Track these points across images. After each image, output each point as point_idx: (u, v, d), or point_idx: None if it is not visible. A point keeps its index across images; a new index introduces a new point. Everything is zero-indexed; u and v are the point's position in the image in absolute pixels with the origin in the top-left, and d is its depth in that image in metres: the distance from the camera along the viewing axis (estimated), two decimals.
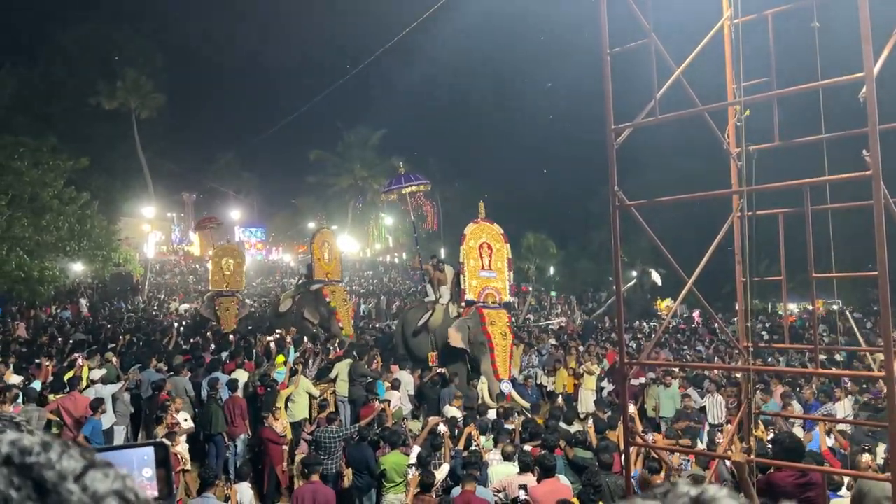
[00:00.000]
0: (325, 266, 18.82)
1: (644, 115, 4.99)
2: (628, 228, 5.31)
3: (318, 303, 17.88)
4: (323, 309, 17.72)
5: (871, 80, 3.61)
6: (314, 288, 18.25)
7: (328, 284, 18.29)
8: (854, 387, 11.79)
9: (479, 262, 13.48)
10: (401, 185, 20.12)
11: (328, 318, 17.58)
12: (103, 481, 0.68)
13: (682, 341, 19.76)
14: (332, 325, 17.43)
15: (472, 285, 13.32)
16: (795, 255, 5.53)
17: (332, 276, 18.91)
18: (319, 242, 19.12)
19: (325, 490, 7.49)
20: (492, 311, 13.00)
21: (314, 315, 17.70)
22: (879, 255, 3.52)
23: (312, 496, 7.26)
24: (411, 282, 42.78)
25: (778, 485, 5.34)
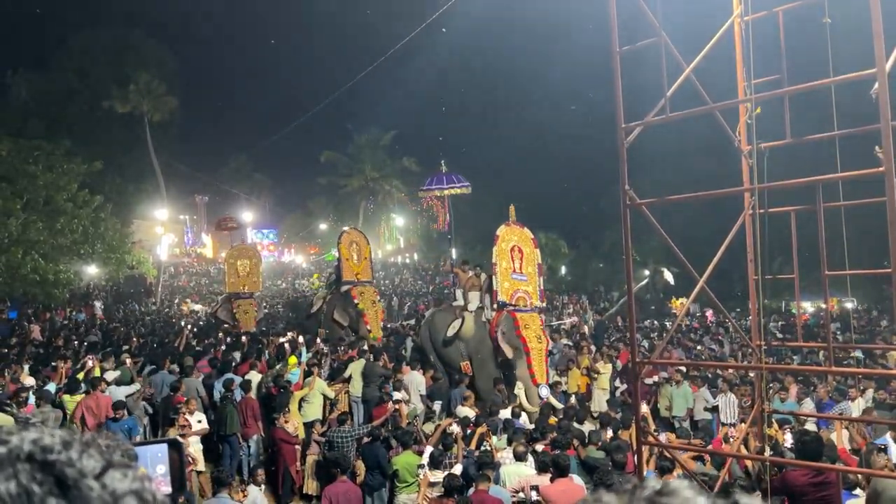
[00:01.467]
0: (355, 266, 18.43)
1: (654, 114, 4.98)
2: (640, 227, 5.30)
3: (346, 304, 17.51)
4: (351, 310, 17.33)
5: (884, 76, 3.59)
6: (344, 289, 17.95)
7: (357, 285, 17.94)
8: (868, 383, 11.68)
9: (510, 264, 13.24)
10: (442, 185, 19.94)
11: (357, 319, 17.22)
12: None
13: (696, 340, 19.64)
14: (360, 326, 17.05)
15: (505, 287, 13.08)
16: (808, 252, 5.51)
17: (362, 276, 18.48)
18: (347, 242, 18.72)
19: (355, 488, 7.66)
20: (525, 315, 12.69)
21: (343, 317, 17.34)
22: (893, 251, 3.49)
23: (345, 495, 7.38)
24: (423, 282, 42.83)
25: (793, 483, 5.31)
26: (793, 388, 11.93)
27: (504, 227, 13.56)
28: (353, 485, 7.72)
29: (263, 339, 16.99)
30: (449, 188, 19.06)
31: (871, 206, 4.05)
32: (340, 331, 17.02)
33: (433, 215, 58.20)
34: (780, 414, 8.67)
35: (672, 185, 7.78)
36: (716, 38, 5.40)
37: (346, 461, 7.99)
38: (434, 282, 41.93)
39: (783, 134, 5.76)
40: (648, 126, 5.09)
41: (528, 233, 13.74)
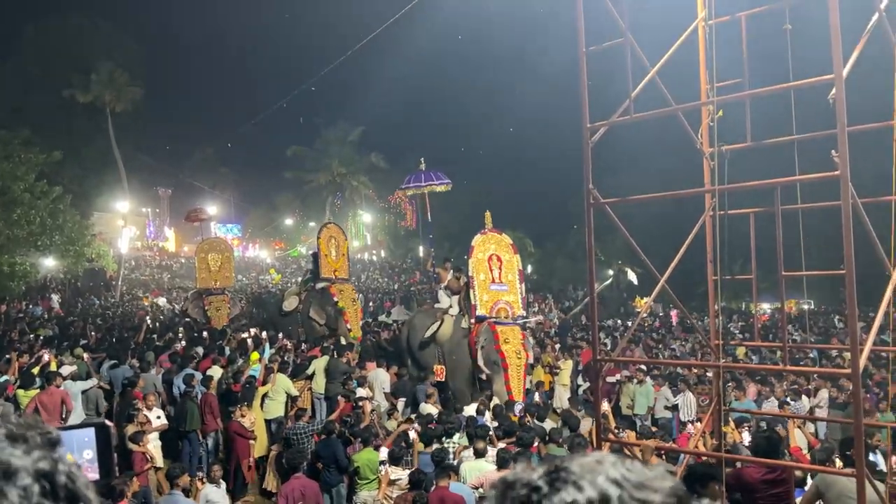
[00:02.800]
0: (333, 263, 17.90)
1: (619, 114, 5.03)
2: (605, 227, 5.36)
3: (324, 302, 16.97)
4: (330, 308, 16.80)
5: (841, 83, 3.67)
6: (320, 286, 17.47)
7: (336, 283, 17.48)
8: (822, 383, 11.98)
9: (489, 274, 12.74)
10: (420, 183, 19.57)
11: (335, 318, 16.71)
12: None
13: (657, 340, 19.94)
14: (339, 325, 16.56)
15: (484, 300, 12.56)
16: (769, 255, 5.60)
17: (340, 273, 18.01)
18: (326, 238, 18.13)
19: (312, 484, 7.58)
20: (505, 328, 12.24)
21: (320, 315, 16.79)
22: (847, 253, 3.58)
23: (301, 490, 7.30)
24: (389, 280, 42.71)
25: (747, 480, 5.42)
26: (751, 387, 12.19)
27: (479, 235, 13.07)
28: (309, 480, 7.65)
29: (224, 334, 16.70)
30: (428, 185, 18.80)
31: (831, 209, 4.14)
32: (318, 329, 16.56)
33: (401, 212, 58.08)
34: (737, 412, 8.84)
35: (639, 187, 7.87)
36: (680, 42, 5.47)
37: (301, 457, 7.91)
38: (401, 279, 41.85)
39: (748, 137, 5.86)
40: (614, 127, 5.13)
41: (507, 238, 13.33)
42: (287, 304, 17.79)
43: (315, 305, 16.92)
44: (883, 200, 5.05)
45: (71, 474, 0.68)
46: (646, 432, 9.32)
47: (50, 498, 0.65)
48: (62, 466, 0.68)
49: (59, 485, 0.67)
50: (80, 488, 0.69)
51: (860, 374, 3.76)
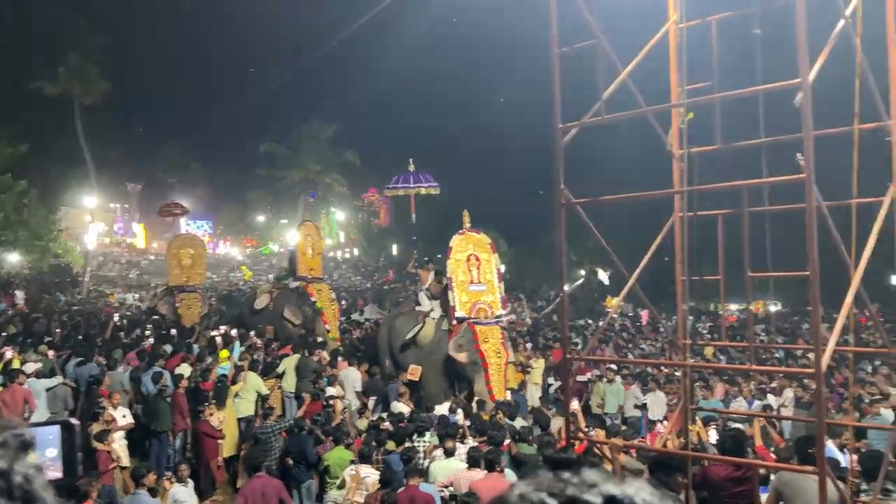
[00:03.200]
0: (309, 262, 17.53)
1: (591, 115, 5.06)
2: (578, 228, 5.39)
3: (301, 301, 16.60)
4: (307, 308, 16.42)
5: (807, 87, 3.73)
6: (295, 285, 17.14)
7: (312, 282, 17.15)
8: (786, 382, 12.20)
9: (467, 275, 12.69)
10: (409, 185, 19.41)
11: (312, 318, 16.32)
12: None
13: (627, 339, 20.14)
14: (317, 326, 16.17)
15: (463, 301, 12.53)
16: (737, 256, 5.68)
17: (316, 272, 17.68)
18: (303, 236, 17.85)
19: (274, 482, 7.50)
20: (485, 328, 12.20)
21: (296, 315, 16.39)
22: (810, 255, 3.64)
23: (262, 490, 7.23)
24: (362, 278, 42.56)
25: (713, 478, 5.50)
26: (719, 387, 12.37)
27: (457, 236, 13.01)
28: (271, 479, 7.57)
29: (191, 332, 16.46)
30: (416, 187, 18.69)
31: (798, 212, 4.21)
32: (292, 329, 16.22)
33: (375, 211, 57.90)
34: (704, 411, 8.96)
35: (611, 188, 7.94)
36: (651, 44, 5.53)
37: (264, 457, 7.84)
38: (374, 278, 41.73)
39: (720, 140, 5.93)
40: (590, 128, 5.17)
41: (485, 238, 13.27)
42: (258, 301, 17.52)
43: (290, 305, 16.57)
44: (845, 203, 5.16)
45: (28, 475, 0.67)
46: (615, 431, 9.41)
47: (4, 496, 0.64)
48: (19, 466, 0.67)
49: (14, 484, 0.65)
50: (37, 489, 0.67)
51: (823, 374, 3.83)
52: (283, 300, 16.93)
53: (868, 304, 5.15)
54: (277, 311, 16.76)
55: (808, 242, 3.64)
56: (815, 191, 3.79)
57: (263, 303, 17.36)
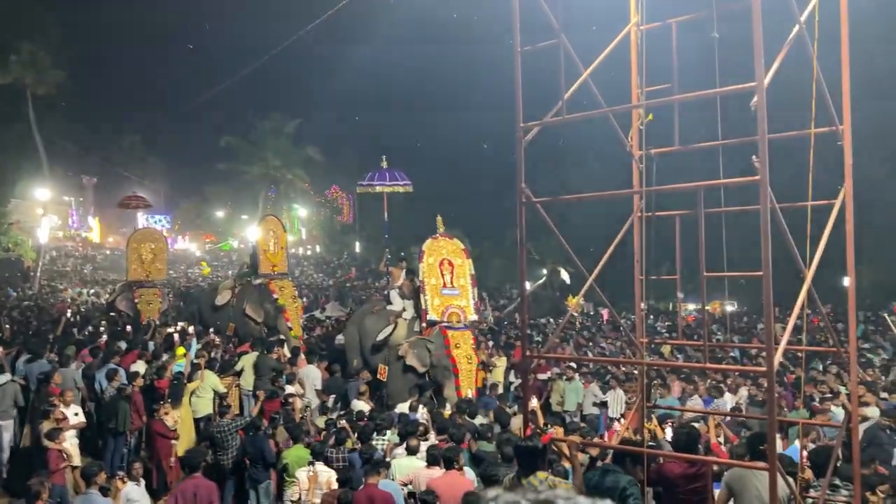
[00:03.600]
0: (271, 258, 17.23)
1: (552, 115, 5.08)
2: (541, 227, 5.41)
3: (262, 298, 16.26)
4: (269, 306, 16.10)
5: (762, 91, 3.80)
6: (258, 282, 16.80)
7: (275, 278, 16.85)
8: (741, 381, 12.45)
9: (440, 279, 12.66)
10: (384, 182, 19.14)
11: (275, 315, 16.01)
12: None
13: (587, 338, 20.34)
14: (279, 323, 15.89)
15: (435, 304, 12.48)
16: (695, 256, 5.77)
17: (279, 268, 17.37)
18: (265, 231, 17.51)
19: (207, 484, 7.34)
20: (456, 333, 12.12)
21: (258, 312, 16.05)
22: (764, 256, 3.71)
23: (194, 491, 7.09)
24: (324, 275, 42.23)
25: (668, 475, 5.58)
26: (676, 385, 12.56)
27: (430, 240, 12.99)
28: (205, 480, 7.43)
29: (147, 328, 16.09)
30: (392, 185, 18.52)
31: (754, 213, 4.28)
32: (254, 326, 15.91)
33: (337, 207, 57.50)
34: (661, 409, 9.09)
35: (574, 188, 8.01)
36: (613, 45, 5.57)
37: (200, 456, 7.70)
38: (336, 275, 41.46)
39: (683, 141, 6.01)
40: (555, 129, 5.20)
41: (459, 243, 13.25)
42: (219, 298, 17.14)
43: (252, 302, 16.27)
44: (799, 206, 5.27)
45: None
46: (573, 428, 9.49)
47: None
48: None
49: None
50: None
51: (775, 373, 3.91)
52: (244, 297, 16.61)
53: (820, 305, 5.26)
54: (239, 307, 16.47)
55: (762, 243, 3.71)
56: (770, 193, 3.86)
57: (224, 299, 17.01)
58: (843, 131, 5.27)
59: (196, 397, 10.80)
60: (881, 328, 22.14)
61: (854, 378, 5.93)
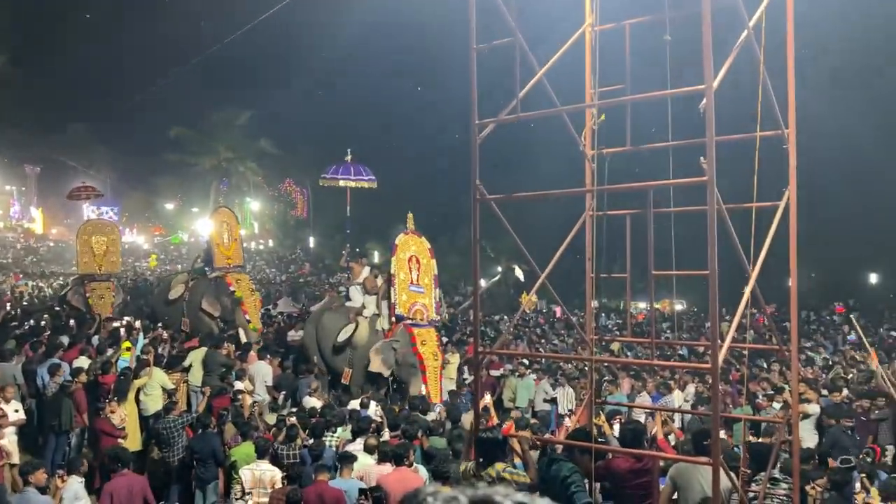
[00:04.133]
0: (225, 251, 16.87)
1: (507, 113, 5.11)
2: (496, 226, 5.44)
3: (219, 292, 15.91)
4: (226, 299, 15.78)
5: (711, 93, 3.87)
6: (214, 275, 16.43)
7: (231, 271, 16.52)
8: (688, 378, 12.74)
9: (408, 275, 12.64)
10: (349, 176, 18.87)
11: (232, 309, 15.70)
12: None
13: (540, 335, 20.56)
14: (236, 317, 15.58)
15: (403, 300, 12.44)
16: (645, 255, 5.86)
17: (234, 261, 17.01)
18: (218, 223, 17.12)
19: (140, 480, 7.25)
20: (422, 330, 12.14)
21: (214, 306, 15.69)
22: (710, 255, 3.79)
23: (128, 488, 6.95)
24: (277, 270, 41.73)
25: (616, 470, 5.68)
26: (625, 382, 12.79)
27: (402, 235, 12.96)
28: (136, 477, 7.31)
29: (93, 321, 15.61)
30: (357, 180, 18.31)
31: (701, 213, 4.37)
32: (210, 321, 15.59)
33: (291, 201, 56.82)
34: (609, 405, 9.24)
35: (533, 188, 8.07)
36: (567, 46, 5.62)
37: (126, 454, 7.56)
38: (289, 270, 41.00)
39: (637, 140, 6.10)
40: (513, 129, 5.22)
41: (426, 242, 13.25)
42: (173, 292, 16.74)
43: (209, 296, 15.88)
44: (745, 207, 5.41)
45: None
46: (525, 424, 9.58)
47: None
48: None
49: None
50: None
51: (719, 370, 4.00)
52: (200, 290, 16.21)
53: (764, 304, 5.41)
54: (194, 301, 16.06)
55: (709, 243, 3.79)
56: (717, 193, 3.94)
57: (178, 293, 16.53)
58: (787, 135, 5.42)
59: (144, 395, 10.53)
60: (822, 328, 22.91)
61: (795, 376, 6.12)
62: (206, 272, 16.89)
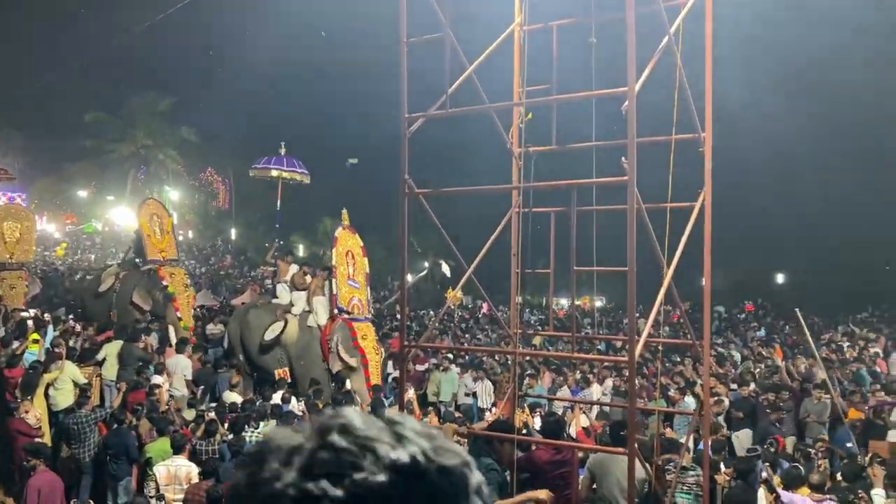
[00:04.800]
0: (158, 243, 16.26)
1: (436, 108, 5.13)
2: (424, 221, 5.46)
3: (151, 286, 15.32)
4: (158, 293, 15.20)
5: (633, 95, 4.00)
6: (146, 268, 15.82)
7: (165, 265, 15.93)
8: (606, 372, 13.13)
9: (346, 269, 12.59)
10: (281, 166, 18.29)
11: (164, 304, 15.15)
12: None
13: (465, 330, 20.77)
14: (168, 312, 15.04)
15: (343, 293, 12.33)
16: (568, 253, 6.00)
17: (168, 254, 16.43)
18: (147, 215, 16.45)
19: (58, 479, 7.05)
20: (362, 325, 12.09)
21: (145, 300, 15.12)
22: (629, 253, 3.93)
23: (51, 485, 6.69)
24: (196, 261, 40.52)
25: (536, 461, 5.82)
26: (546, 375, 13.08)
27: (341, 229, 12.91)
28: (54, 475, 7.07)
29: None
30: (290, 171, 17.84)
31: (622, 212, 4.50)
32: (139, 316, 15.01)
33: (213, 192, 55.25)
34: (531, 398, 9.44)
35: (462, 185, 8.14)
36: (496, 44, 5.69)
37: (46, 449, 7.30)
38: (209, 263, 39.89)
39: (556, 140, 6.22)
40: (446, 125, 5.23)
41: (359, 240, 13.21)
42: (102, 284, 16.05)
43: (140, 290, 15.28)
44: (662, 207, 5.60)
45: None
46: (449, 418, 9.68)
47: None
48: None
49: None
50: None
51: (635, 363, 4.15)
52: (131, 283, 15.60)
53: (678, 302, 5.63)
54: (124, 295, 15.45)
55: (628, 241, 3.92)
56: (637, 193, 4.08)
57: (107, 286, 15.91)
58: (704, 138, 5.65)
59: (54, 389, 10.05)
60: (733, 325, 24.02)
61: (707, 370, 6.40)
62: (139, 265, 16.29)
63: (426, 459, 0.66)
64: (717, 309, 25.61)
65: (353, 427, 0.67)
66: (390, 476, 0.63)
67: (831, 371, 12.55)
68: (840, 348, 17.10)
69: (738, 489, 7.15)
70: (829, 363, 13.59)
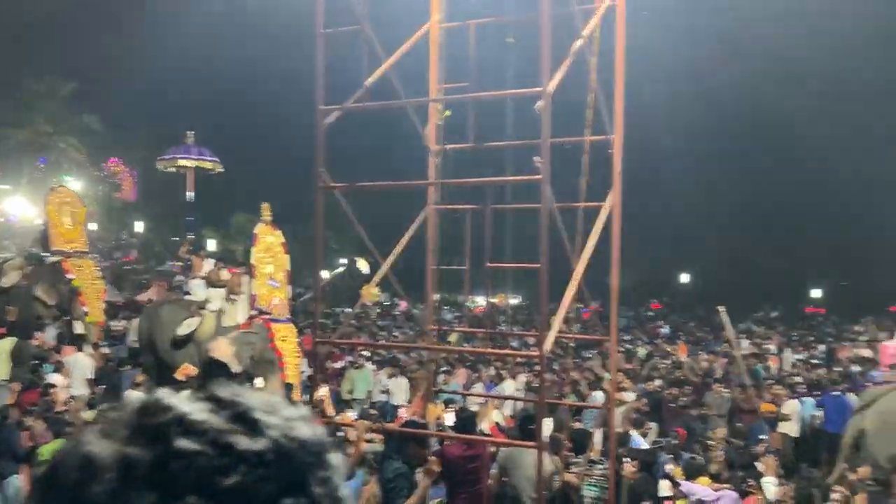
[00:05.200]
0: (67, 233, 15.22)
1: (353, 101, 5.08)
2: (341, 218, 5.38)
3: (56, 279, 14.40)
4: (63, 287, 14.33)
5: (547, 96, 4.08)
6: (51, 260, 14.84)
7: (72, 256, 14.92)
8: (519, 369, 13.39)
9: (266, 268, 11.99)
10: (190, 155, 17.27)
11: (69, 298, 14.24)
12: None
13: (381, 327, 20.70)
14: (73, 307, 14.13)
15: (263, 293, 11.77)
16: (484, 251, 6.06)
17: (77, 246, 15.38)
18: (56, 204, 15.39)
19: None
20: (282, 326, 11.54)
21: (50, 294, 14.20)
22: (542, 249, 4.01)
23: None
24: (100, 256, 38.68)
25: (448, 457, 5.86)
26: (461, 372, 13.22)
27: (261, 225, 12.26)
28: None
29: None
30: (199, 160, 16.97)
31: (535, 211, 4.58)
32: (44, 310, 14.13)
33: (117, 183, 52.87)
34: (446, 393, 9.50)
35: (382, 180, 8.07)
36: (413, 40, 5.68)
37: None
38: (113, 257, 38.16)
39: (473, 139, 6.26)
40: (361, 122, 5.19)
41: (281, 236, 12.59)
42: (7, 279, 14.88)
43: (44, 283, 14.33)
44: (574, 206, 5.75)
45: None
46: (364, 415, 9.62)
47: None
48: None
49: None
50: None
51: (545, 358, 4.24)
52: (35, 277, 14.54)
53: (589, 299, 5.79)
54: (29, 289, 14.34)
55: (540, 239, 3.99)
56: (549, 192, 4.16)
57: (13, 280, 14.76)
58: (613, 140, 5.82)
59: None
60: (639, 323, 24.93)
61: (614, 366, 6.61)
62: (43, 258, 15.30)
63: (287, 439, 0.58)
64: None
65: (195, 423, 0.56)
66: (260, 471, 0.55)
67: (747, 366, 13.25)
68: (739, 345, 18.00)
69: (641, 480, 7.42)
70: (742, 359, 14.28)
